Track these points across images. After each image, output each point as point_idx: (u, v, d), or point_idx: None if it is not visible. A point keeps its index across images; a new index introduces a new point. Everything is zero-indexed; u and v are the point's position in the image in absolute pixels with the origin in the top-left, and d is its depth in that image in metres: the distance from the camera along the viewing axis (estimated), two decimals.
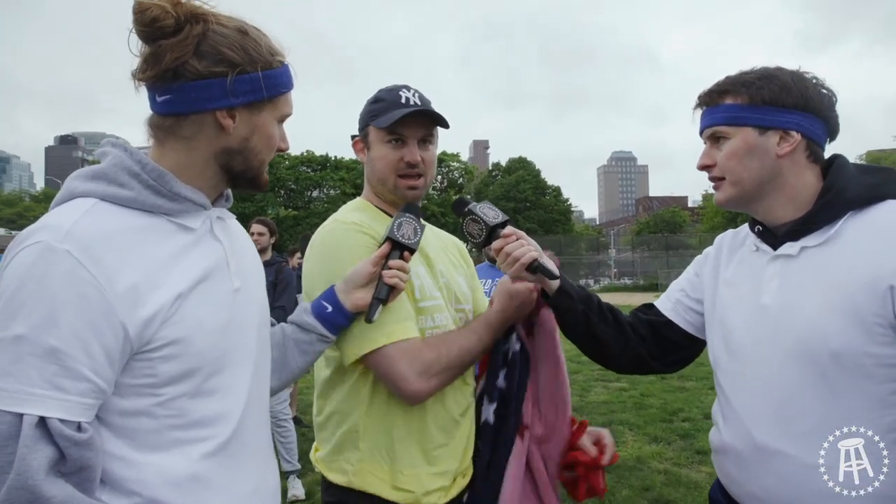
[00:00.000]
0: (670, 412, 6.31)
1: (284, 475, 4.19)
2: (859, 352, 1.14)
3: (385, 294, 1.34)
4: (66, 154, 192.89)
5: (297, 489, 4.24)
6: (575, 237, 53.85)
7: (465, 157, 65.46)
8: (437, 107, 1.57)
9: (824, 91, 1.29)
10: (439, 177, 49.13)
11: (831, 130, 1.31)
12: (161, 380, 0.96)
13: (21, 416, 0.84)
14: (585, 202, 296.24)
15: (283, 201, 44.87)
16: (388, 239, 1.39)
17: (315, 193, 46.84)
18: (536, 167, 55.38)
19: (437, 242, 1.73)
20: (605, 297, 1.60)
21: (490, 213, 1.54)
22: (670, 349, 1.55)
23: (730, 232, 1.52)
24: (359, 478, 1.45)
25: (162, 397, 0.97)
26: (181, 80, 0.99)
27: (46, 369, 0.85)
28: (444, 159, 48.67)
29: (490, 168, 63.05)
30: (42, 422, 0.85)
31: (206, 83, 1.00)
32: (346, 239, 1.48)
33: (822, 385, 1.17)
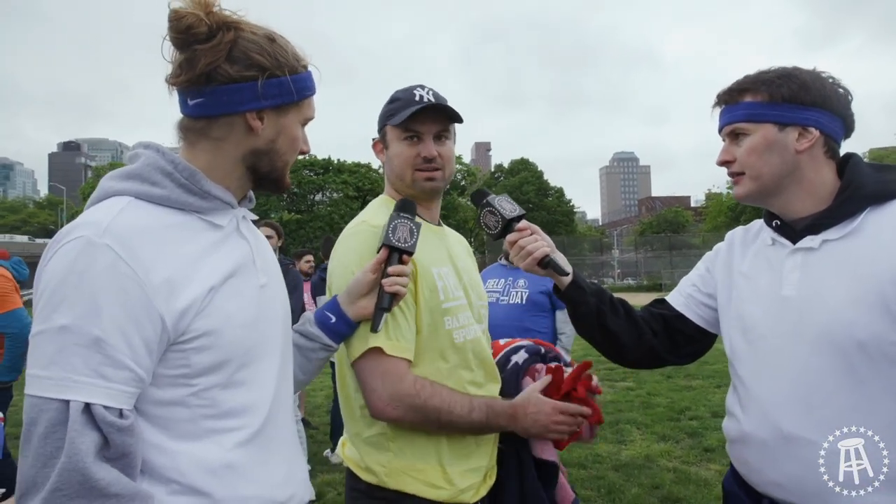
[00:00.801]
0: (677, 411, 6.32)
1: None
2: (884, 340, 1.17)
3: (388, 303, 1.34)
4: (69, 160, 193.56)
5: None
6: (578, 238, 53.90)
7: (467, 159, 65.42)
8: None
9: (841, 90, 1.32)
10: None
11: (847, 128, 1.34)
12: (194, 370, 1.00)
13: (67, 402, 0.87)
14: (588, 203, 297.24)
15: (285, 205, 44.91)
16: (384, 245, 1.38)
17: (318, 197, 46.89)
18: (539, 169, 55.41)
19: (456, 241, 1.75)
20: None
21: (507, 206, 1.56)
22: (683, 343, 1.57)
23: (740, 229, 1.54)
24: (392, 478, 1.44)
25: (195, 387, 1.00)
26: (214, 84, 1.03)
27: (91, 358, 0.89)
28: None
29: (493, 170, 63.11)
30: (87, 408, 0.88)
31: (238, 87, 1.04)
32: (370, 241, 1.47)
33: (848, 373, 1.20)
